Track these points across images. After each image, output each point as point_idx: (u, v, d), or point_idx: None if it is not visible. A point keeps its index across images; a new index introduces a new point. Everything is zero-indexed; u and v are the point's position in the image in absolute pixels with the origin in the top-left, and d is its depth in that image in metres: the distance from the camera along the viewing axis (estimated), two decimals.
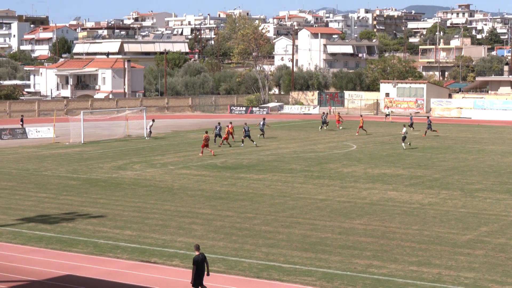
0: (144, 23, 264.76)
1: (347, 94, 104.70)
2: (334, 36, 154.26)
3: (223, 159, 49.05)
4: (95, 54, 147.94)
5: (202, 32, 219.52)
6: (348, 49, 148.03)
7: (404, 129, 55.84)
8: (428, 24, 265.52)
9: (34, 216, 30.70)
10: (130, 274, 22.54)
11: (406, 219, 30.09)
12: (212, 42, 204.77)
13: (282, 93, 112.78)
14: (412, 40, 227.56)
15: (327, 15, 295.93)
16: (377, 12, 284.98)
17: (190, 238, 26.84)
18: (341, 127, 71.44)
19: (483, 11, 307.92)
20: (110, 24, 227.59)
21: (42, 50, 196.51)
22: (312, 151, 54.07)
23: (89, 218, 30.29)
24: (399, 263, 23.55)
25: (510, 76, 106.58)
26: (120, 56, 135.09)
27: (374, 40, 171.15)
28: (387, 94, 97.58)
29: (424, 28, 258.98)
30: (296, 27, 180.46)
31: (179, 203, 33.60)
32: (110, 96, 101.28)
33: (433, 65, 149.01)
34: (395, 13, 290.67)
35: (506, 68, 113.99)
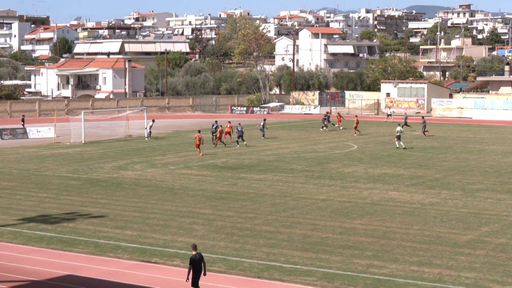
0: (145, 23, 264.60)
1: (348, 94, 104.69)
2: (335, 36, 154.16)
3: (224, 159, 49.06)
4: (96, 54, 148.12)
5: (203, 32, 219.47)
6: (349, 49, 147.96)
7: (399, 127, 55.90)
8: (429, 24, 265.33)
9: (35, 216, 30.69)
10: (131, 274, 22.54)
11: (407, 219, 30.08)
12: (213, 42, 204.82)
13: (283, 93, 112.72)
14: (413, 40, 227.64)
15: (328, 15, 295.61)
16: (378, 12, 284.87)
17: (191, 238, 26.82)
18: (342, 127, 71.46)
19: (484, 11, 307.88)
20: (110, 24, 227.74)
21: (43, 50, 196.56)
22: (313, 151, 54.06)
23: (90, 218, 30.29)
24: (400, 263, 23.54)
25: (511, 76, 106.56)
26: (121, 56, 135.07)
27: (375, 40, 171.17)
28: (388, 94, 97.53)
29: (425, 28, 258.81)
30: (296, 27, 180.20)
31: (180, 203, 33.59)
32: (111, 96, 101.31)
33: (434, 65, 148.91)
34: (396, 13, 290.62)
35: (507, 68, 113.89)
